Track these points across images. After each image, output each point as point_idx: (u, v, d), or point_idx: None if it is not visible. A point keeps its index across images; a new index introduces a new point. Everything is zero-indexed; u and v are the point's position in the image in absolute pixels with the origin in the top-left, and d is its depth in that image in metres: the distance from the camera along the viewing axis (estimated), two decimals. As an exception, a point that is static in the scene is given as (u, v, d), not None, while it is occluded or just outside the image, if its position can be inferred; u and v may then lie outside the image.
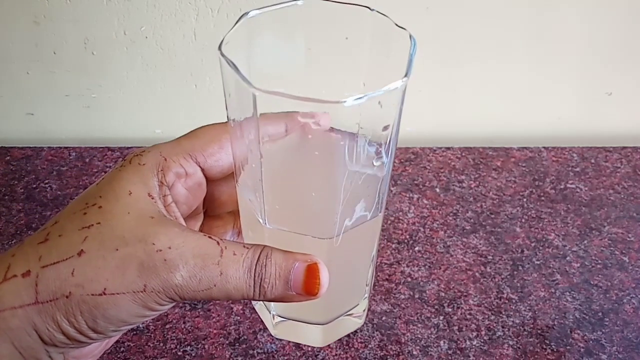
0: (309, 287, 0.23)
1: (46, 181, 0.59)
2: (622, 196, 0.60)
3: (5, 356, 0.22)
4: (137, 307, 0.23)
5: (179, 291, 0.23)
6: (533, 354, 0.46)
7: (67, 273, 0.22)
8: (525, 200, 0.59)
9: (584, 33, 0.62)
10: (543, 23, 0.61)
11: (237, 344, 0.46)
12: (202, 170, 0.27)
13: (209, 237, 0.24)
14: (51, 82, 0.62)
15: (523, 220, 0.57)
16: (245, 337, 0.46)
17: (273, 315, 0.29)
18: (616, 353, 0.46)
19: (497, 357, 0.46)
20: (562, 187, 0.61)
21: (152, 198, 0.24)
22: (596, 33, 0.62)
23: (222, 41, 0.22)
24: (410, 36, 0.23)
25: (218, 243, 0.23)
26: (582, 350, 0.46)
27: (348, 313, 0.30)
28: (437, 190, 0.60)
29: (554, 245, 0.55)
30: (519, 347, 0.46)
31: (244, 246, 0.24)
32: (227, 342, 0.46)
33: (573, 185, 0.61)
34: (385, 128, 0.22)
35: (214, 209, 0.29)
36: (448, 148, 0.65)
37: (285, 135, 0.25)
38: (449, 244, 0.54)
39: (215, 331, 0.46)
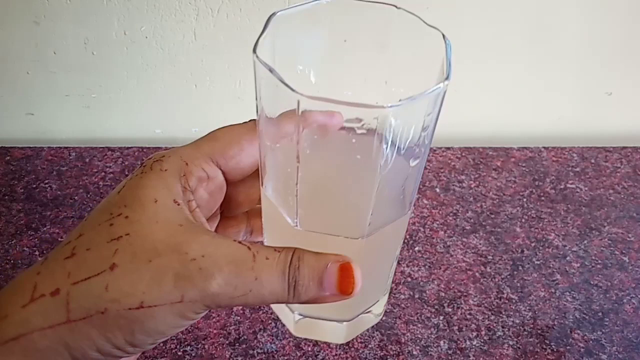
0: (344, 286, 0.23)
1: (46, 181, 0.59)
2: (622, 196, 0.60)
3: None
4: (174, 318, 0.22)
5: (216, 299, 0.22)
6: (533, 354, 0.46)
7: (100, 289, 0.21)
8: (525, 200, 0.59)
9: (584, 33, 0.62)
10: (543, 23, 0.61)
11: (237, 344, 0.46)
12: (223, 173, 0.26)
13: (239, 243, 0.23)
14: (51, 82, 0.62)
15: (523, 220, 0.57)
16: (245, 337, 0.46)
17: (295, 314, 0.29)
18: (616, 353, 0.46)
19: (497, 357, 0.46)
20: (562, 187, 0.61)
21: (178, 204, 0.23)
22: (596, 33, 0.62)
23: (256, 44, 0.22)
24: (444, 36, 0.23)
25: (249, 248, 0.23)
26: (582, 350, 0.46)
27: (368, 310, 0.30)
28: (437, 190, 0.60)
29: (554, 245, 0.55)
30: (519, 347, 0.46)
31: (275, 250, 0.23)
32: (227, 342, 0.46)
33: (573, 185, 0.61)
34: (425, 129, 0.22)
35: (231, 210, 0.29)
36: (448, 148, 0.65)
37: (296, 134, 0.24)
38: (449, 244, 0.54)
39: (215, 331, 0.46)
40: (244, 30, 0.59)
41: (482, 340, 0.47)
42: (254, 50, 0.21)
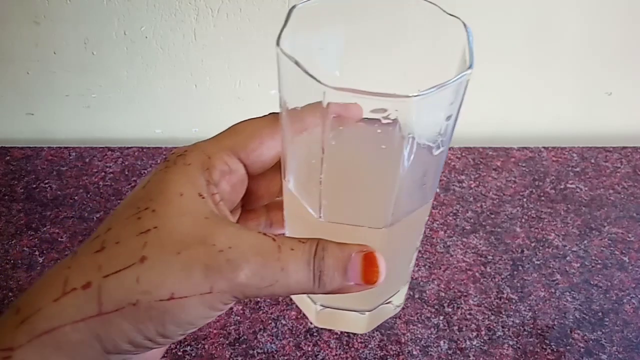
0: (368, 276, 0.23)
1: (46, 181, 0.59)
2: (622, 196, 0.60)
3: None
4: (204, 309, 0.22)
5: (244, 290, 0.22)
6: (533, 354, 0.46)
7: (131, 281, 0.21)
8: (525, 200, 0.59)
9: (584, 33, 0.62)
10: (543, 23, 0.61)
11: (237, 344, 0.46)
12: (245, 166, 0.27)
13: (264, 235, 0.23)
14: (51, 82, 0.62)
15: (523, 220, 0.57)
16: (245, 337, 0.46)
17: (316, 305, 0.29)
18: (616, 353, 0.46)
19: (497, 357, 0.46)
20: (562, 187, 0.61)
21: (203, 198, 0.24)
22: (596, 33, 0.62)
23: (279, 37, 0.22)
24: (465, 25, 0.23)
25: (274, 239, 0.23)
26: (582, 350, 0.46)
27: (389, 300, 0.30)
28: (437, 190, 0.60)
29: (554, 245, 0.55)
30: (519, 347, 0.46)
31: (300, 241, 0.24)
32: (227, 342, 0.46)
33: (573, 185, 0.61)
34: (448, 118, 0.22)
35: (251, 202, 0.29)
36: (448, 148, 0.65)
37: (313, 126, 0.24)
38: (449, 244, 0.54)
39: (215, 331, 0.46)
40: (244, 30, 0.59)
41: (482, 340, 0.47)
42: (277, 43, 0.21)
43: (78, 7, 0.56)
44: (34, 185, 0.58)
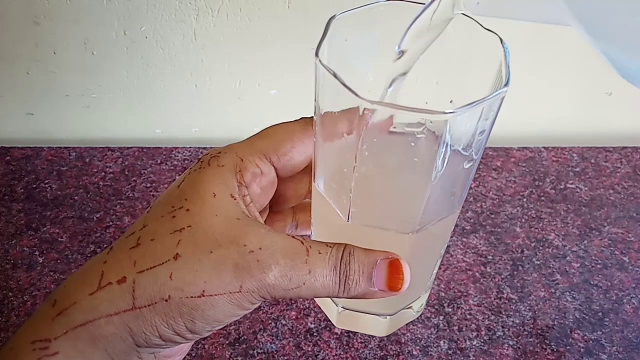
0: (393, 283, 0.24)
1: (46, 181, 0.59)
2: (622, 196, 0.60)
3: None
4: (232, 307, 0.23)
5: (271, 290, 0.23)
6: (533, 354, 0.46)
7: (165, 277, 0.22)
8: (525, 200, 0.59)
9: (584, 33, 0.62)
10: (543, 23, 0.61)
11: (237, 344, 0.46)
12: (275, 169, 0.27)
13: (293, 237, 0.24)
14: (51, 82, 0.62)
15: (523, 220, 0.57)
16: (245, 337, 0.46)
17: (338, 307, 0.30)
18: (616, 353, 0.46)
19: (497, 357, 0.46)
20: (562, 187, 0.61)
21: (235, 199, 0.24)
22: (596, 33, 0.62)
23: (318, 47, 0.22)
24: (502, 40, 0.23)
25: (302, 242, 0.24)
26: (582, 350, 0.46)
27: (410, 305, 0.30)
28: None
29: (554, 245, 0.55)
30: (519, 347, 0.46)
31: (327, 245, 0.24)
32: (227, 342, 0.46)
33: (573, 185, 0.61)
34: (481, 133, 0.22)
35: (279, 204, 0.30)
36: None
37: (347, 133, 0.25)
38: (449, 244, 0.54)
39: (215, 331, 0.46)
40: (244, 30, 0.59)
41: (482, 340, 0.47)
42: (317, 54, 0.22)
43: (78, 7, 0.56)
44: (34, 185, 0.58)
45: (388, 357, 0.45)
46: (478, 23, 0.24)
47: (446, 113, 0.19)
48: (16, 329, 0.46)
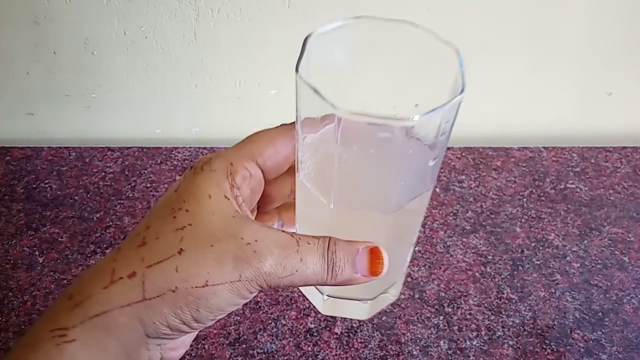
0: (374, 268, 0.27)
1: (46, 181, 0.59)
2: (622, 196, 0.60)
3: (111, 352, 0.24)
4: (233, 295, 0.25)
5: (267, 278, 0.25)
6: (533, 354, 0.46)
7: (171, 270, 0.24)
8: (525, 200, 0.59)
9: (584, 33, 0.62)
10: (543, 23, 0.61)
11: (237, 344, 0.46)
12: (262, 171, 0.30)
13: (283, 231, 0.27)
14: (51, 82, 0.62)
15: (523, 220, 0.57)
16: (245, 337, 0.46)
17: (323, 295, 0.33)
18: (616, 353, 0.46)
19: (497, 357, 0.46)
20: (562, 187, 0.61)
21: (228, 199, 0.27)
22: (596, 33, 0.62)
23: (298, 64, 0.25)
24: (457, 52, 0.27)
25: (292, 235, 0.26)
26: (582, 350, 0.46)
27: (387, 290, 0.33)
28: (437, 190, 0.60)
29: (554, 245, 0.55)
30: (519, 347, 0.46)
31: (314, 237, 0.27)
32: (227, 342, 0.46)
33: (573, 185, 0.61)
34: (442, 134, 0.26)
35: (266, 205, 0.32)
36: (448, 148, 0.65)
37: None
38: (449, 244, 0.54)
39: (215, 331, 0.46)
40: (244, 30, 0.59)
41: (482, 340, 0.47)
42: (297, 70, 0.25)
43: (78, 7, 0.56)
44: (34, 185, 0.58)
45: (388, 357, 0.45)
46: (436, 37, 0.27)
47: (412, 120, 0.23)
48: (16, 328, 0.46)
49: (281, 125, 0.30)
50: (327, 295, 0.33)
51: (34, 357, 0.23)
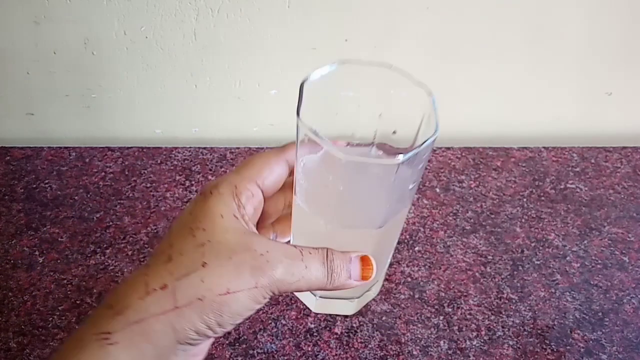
0: (365, 273, 0.31)
1: (46, 181, 0.59)
2: (622, 196, 0.60)
3: (148, 355, 0.27)
4: (250, 301, 0.28)
5: (279, 284, 0.29)
6: (533, 354, 0.46)
7: (197, 281, 0.28)
8: (525, 200, 0.59)
9: (584, 33, 0.62)
10: (543, 23, 0.61)
11: (237, 344, 0.46)
12: (261, 191, 0.33)
13: (288, 244, 0.31)
14: (51, 82, 0.62)
15: (523, 220, 0.57)
16: (245, 337, 0.46)
17: (316, 296, 0.38)
18: (616, 353, 0.46)
19: (497, 357, 0.46)
20: (562, 187, 0.61)
21: (237, 218, 0.31)
22: (596, 33, 0.62)
23: (298, 110, 0.30)
24: (429, 93, 0.31)
25: (295, 247, 0.30)
26: (582, 350, 0.46)
27: (370, 289, 0.38)
28: (437, 190, 0.60)
29: (554, 245, 0.55)
30: (519, 347, 0.46)
31: (314, 248, 0.31)
32: (227, 342, 0.46)
33: (573, 185, 0.61)
34: (420, 164, 0.31)
35: (263, 220, 0.36)
36: (448, 148, 0.65)
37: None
38: (449, 244, 0.54)
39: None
40: (244, 30, 0.59)
41: (482, 340, 0.47)
42: (298, 115, 0.29)
43: (78, 7, 0.56)
44: (34, 185, 0.58)
45: (388, 357, 0.45)
46: (409, 79, 0.31)
47: (396, 159, 0.27)
48: (16, 328, 0.46)
49: (272, 148, 0.34)
50: (320, 297, 0.38)
51: (81, 356, 0.26)
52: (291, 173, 0.35)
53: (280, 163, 0.34)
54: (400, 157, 0.28)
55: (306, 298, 0.39)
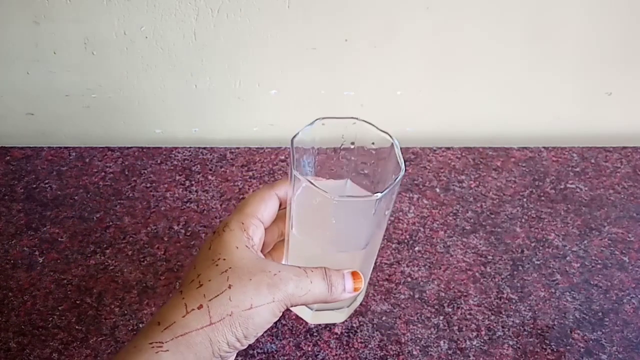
0: (356, 286, 0.39)
1: (46, 181, 0.59)
2: (622, 196, 0.60)
3: None
4: (269, 314, 0.35)
5: (291, 298, 0.35)
6: (533, 354, 0.46)
7: (226, 300, 0.34)
8: (525, 200, 0.59)
9: (584, 33, 0.62)
10: (543, 23, 0.61)
11: (237, 344, 0.46)
12: (262, 223, 0.40)
13: (291, 265, 0.37)
14: (51, 82, 0.62)
15: (523, 220, 0.57)
16: (245, 337, 0.46)
17: (313, 310, 0.45)
18: (616, 353, 0.46)
19: (497, 357, 0.46)
20: (562, 187, 0.61)
21: (248, 248, 0.37)
22: (596, 33, 0.62)
23: (293, 164, 0.37)
24: (392, 137, 0.39)
25: (299, 267, 0.37)
26: (582, 350, 0.46)
27: (356, 298, 0.46)
28: (437, 190, 0.60)
29: (554, 245, 0.55)
30: (519, 347, 0.46)
31: (314, 268, 0.37)
32: (227, 342, 0.46)
33: (573, 185, 0.61)
34: (393, 194, 0.39)
35: (263, 250, 0.42)
36: (448, 148, 0.65)
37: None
38: (449, 244, 0.54)
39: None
40: (244, 30, 0.59)
41: (482, 340, 0.47)
42: (295, 169, 0.37)
43: (78, 7, 0.56)
44: (34, 185, 0.58)
45: (388, 357, 0.45)
46: (375, 127, 0.40)
47: (375, 195, 0.35)
48: (16, 328, 0.46)
49: (263, 185, 0.41)
50: (316, 310, 0.45)
51: (138, 358, 0.32)
52: (281, 206, 0.41)
53: (273, 198, 0.41)
54: (379, 195, 0.35)
55: (302, 312, 0.46)
